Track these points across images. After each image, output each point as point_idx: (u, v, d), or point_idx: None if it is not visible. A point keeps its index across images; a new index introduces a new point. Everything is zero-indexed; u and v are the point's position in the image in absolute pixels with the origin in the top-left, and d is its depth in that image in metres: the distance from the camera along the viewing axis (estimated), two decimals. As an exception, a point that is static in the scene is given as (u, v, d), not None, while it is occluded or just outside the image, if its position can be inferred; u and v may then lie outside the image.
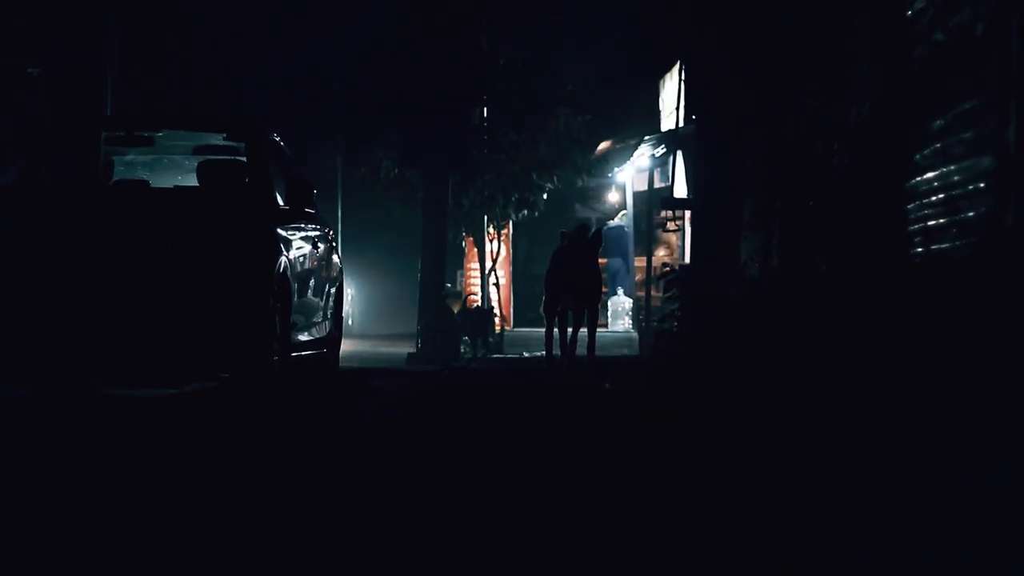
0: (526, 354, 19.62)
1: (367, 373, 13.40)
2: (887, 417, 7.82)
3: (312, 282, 10.27)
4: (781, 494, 5.32)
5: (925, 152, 9.07)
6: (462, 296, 22.33)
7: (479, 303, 22.04)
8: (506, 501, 5.16)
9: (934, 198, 8.88)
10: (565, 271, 15.14)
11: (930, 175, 8.95)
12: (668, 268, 15.43)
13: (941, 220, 8.74)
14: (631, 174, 23.74)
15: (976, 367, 7.45)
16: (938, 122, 8.82)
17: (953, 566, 4.01)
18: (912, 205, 9.32)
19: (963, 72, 8.38)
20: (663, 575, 3.92)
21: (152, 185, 9.81)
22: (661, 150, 19.84)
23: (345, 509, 4.92)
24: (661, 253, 22.41)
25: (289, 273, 9.17)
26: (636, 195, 24.53)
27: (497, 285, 23.35)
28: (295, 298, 9.44)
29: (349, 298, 28.13)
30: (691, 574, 3.93)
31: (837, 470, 6.09)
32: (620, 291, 24.66)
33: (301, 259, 9.77)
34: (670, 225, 19.03)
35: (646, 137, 20.65)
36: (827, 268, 10.73)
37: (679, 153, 17.76)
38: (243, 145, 10.09)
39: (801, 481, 5.75)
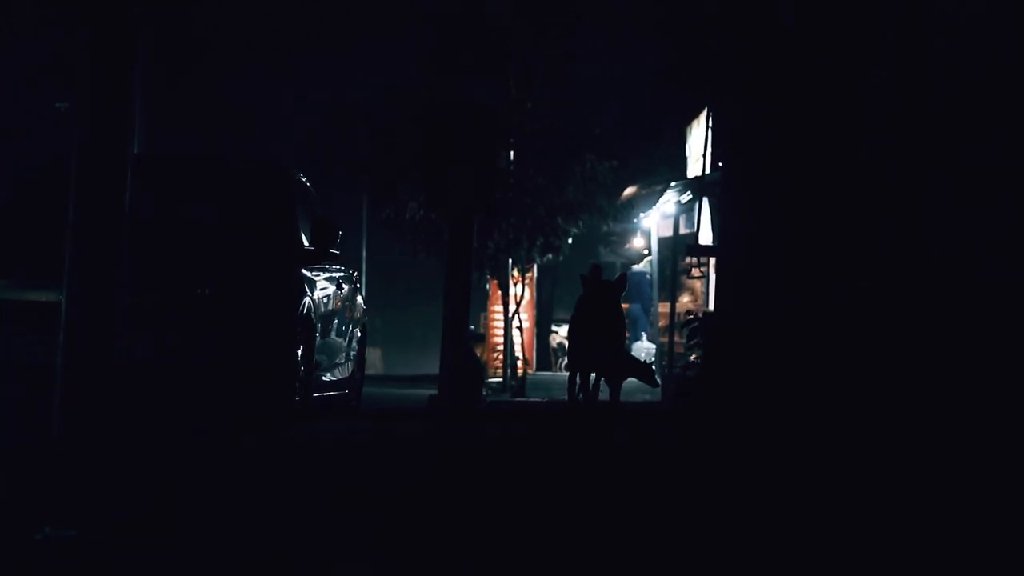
0: (545, 398, 19.53)
1: (387, 414, 13.32)
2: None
3: (335, 323, 10.25)
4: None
5: (946, 191, 9.02)
6: (484, 339, 22.18)
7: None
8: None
9: (955, 239, 8.82)
10: (590, 316, 15.04)
11: (952, 213, 8.90)
12: (691, 316, 15.35)
13: (962, 261, 8.67)
14: (656, 220, 23.71)
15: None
16: (961, 160, 8.76)
17: None
18: (932, 244, 9.26)
19: (987, 110, 8.34)
20: None
21: (178, 225, 9.79)
22: (687, 196, 19.79)
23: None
24: (686, 299, 22.34)
25: (313, 314, 9.16)
26: (661, 241, 24.49)
27: (520, 329, 23.28)
28: (318, 339, 9.43)
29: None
30: None
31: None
32: (644, 336, 24.58)
33: (325, 300, 9.76)
34: (695, 272, 18.98)
35: (672, 183, 20.62)
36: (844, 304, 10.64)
37: (705, 200, 17.73)
38: (269, 185, 10.10)
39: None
